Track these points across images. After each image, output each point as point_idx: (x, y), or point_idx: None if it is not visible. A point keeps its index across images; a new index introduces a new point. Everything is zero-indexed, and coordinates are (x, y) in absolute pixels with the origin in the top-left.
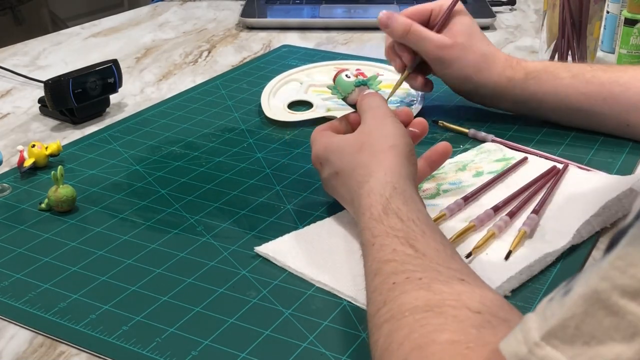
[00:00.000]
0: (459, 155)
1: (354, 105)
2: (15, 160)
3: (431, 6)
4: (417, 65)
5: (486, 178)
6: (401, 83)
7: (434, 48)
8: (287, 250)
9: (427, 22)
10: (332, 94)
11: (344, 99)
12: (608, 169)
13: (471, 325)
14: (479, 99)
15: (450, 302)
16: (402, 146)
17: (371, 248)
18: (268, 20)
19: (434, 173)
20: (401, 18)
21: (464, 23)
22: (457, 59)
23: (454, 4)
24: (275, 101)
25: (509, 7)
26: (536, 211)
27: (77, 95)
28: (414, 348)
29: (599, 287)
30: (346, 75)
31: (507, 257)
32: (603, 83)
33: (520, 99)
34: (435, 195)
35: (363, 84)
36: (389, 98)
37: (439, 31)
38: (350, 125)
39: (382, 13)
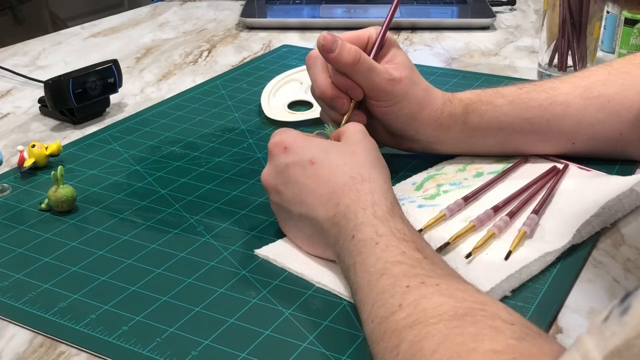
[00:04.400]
0: (459, 156)
1: None
2: (15, 160)
3: (366, 33)
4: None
5: (486, 178)
6: (349, 118)
7: (384, 81)
8: (287, 253)
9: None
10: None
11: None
12: (608, 169)
13: (511, 337)
14: (414, 144)
15: (481, 312)
16: (389, 174)
17: (374, 246)
18: (268, 20)
19: (434, 173)
20: (349, 44)
21: (403, 55)
22: (406, 94)
23: (385, 29)
24: (275, 101)
25: (509, 7)
26: (536, 211)
27: (77, 95)
28: (451, 356)
29: None
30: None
31: (507, 257)
32: (542, 105)
33: (462, 135)
34: (435, 195)
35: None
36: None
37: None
38: None
39: (326, 34)
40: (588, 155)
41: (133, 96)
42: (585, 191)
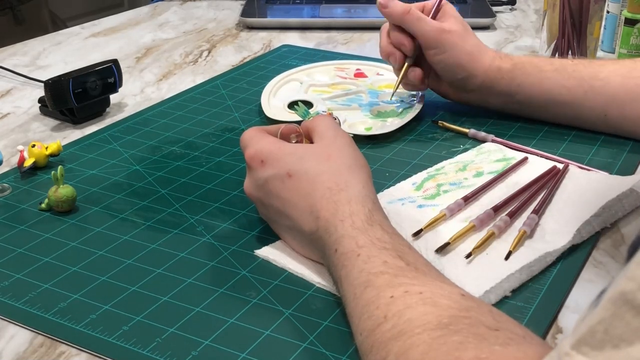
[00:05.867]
0: (459, 156)
1: None
2: (15, 160)
3: (422, 5)
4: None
5: (486, 178)
6: (404, 75)
7: (432, 30)
8: (287, 253)
9: None
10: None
11: None
12: (608, 169)
13: (495, 343)
14: (466, 96)
15: (465, 320)
16: (369, 171)
17: (356, 259)
18: (268, 20)
19: (434, 173)
20: (400, 2)
21: (457, 17)
22: (454, 45)
23: None
24: (275, 101)
25: (509, 7)
26: (536, 211)
27: (77, 95)
28: None
29: (626, 288)
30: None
31: (507, 257)
32: (584, 77)
33: (507, 91)
34: (435, 195)
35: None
36: (392, 95)
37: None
38: (283, 138)
39: None
40: (619, 132)
41: (133, 96)
42: (585, 191)
